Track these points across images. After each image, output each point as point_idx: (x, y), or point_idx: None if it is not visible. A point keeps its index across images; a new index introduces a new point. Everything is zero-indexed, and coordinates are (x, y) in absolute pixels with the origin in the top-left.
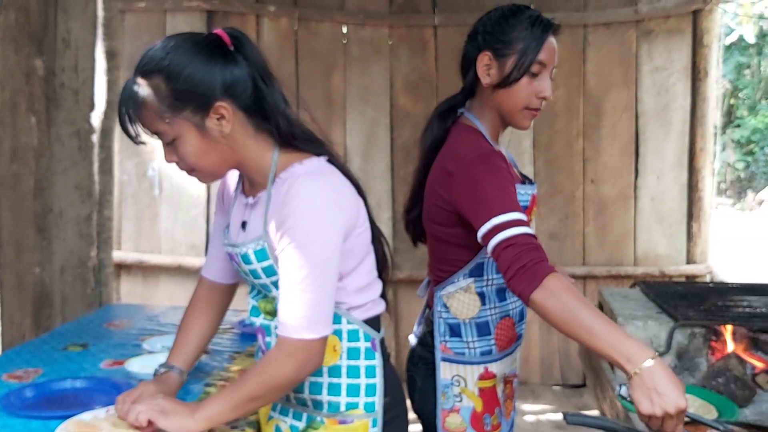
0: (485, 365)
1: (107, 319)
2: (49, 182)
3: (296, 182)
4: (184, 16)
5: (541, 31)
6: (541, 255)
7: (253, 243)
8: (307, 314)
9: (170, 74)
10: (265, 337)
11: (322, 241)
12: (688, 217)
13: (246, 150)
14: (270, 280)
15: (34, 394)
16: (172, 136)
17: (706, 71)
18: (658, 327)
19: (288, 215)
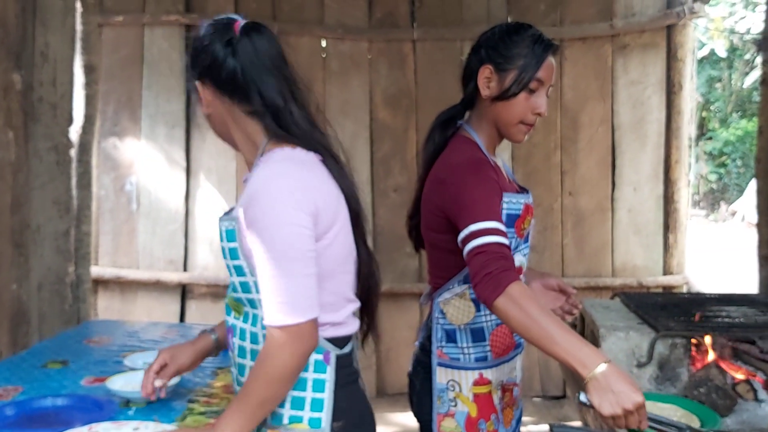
0: (480, 371)
1: (86, 335)
2: (27, 198)
3: (267, 166)
4: (162, 30)
5: (542, 50)
6: (509, 264)
7: (227, 222)
8: (284, 299)
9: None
10: (233, 337)
11: (285, 221)
12: (664, 228)
13: (236, 128)
14: (233, 263)
15: (15, 412)
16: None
17: (681, 84)
18: (640, 338)
19: (252, 196)
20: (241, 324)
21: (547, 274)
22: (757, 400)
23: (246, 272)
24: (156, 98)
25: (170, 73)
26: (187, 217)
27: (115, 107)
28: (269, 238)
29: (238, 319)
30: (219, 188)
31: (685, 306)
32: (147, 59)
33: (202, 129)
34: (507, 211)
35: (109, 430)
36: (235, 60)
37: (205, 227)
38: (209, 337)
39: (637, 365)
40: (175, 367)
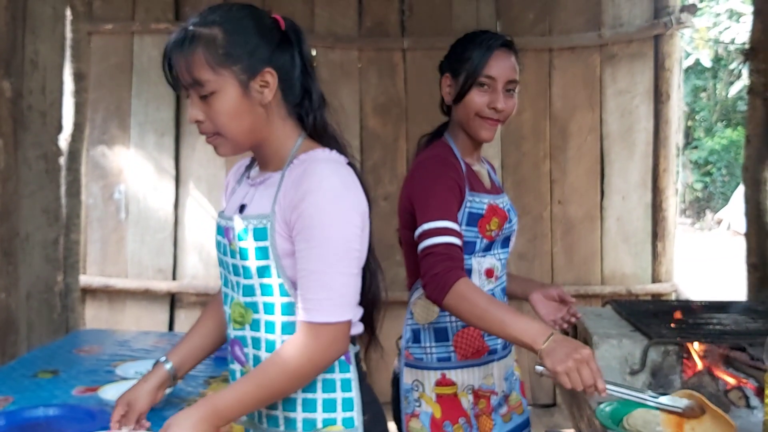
0: (443, 371)
1: (76, 344)
2: (16, 206)
3: (316, 164)
4: (151, 38)
5: (488, 48)
6: (454, 263)
7: (255, 220)
8: (330, 296)
9: (230, 29)
10: (242, 348)
11: (343, 219)
12: (653, 236)
13: (274, 127)
14: (257, 263)
15: (6, 422)
16: (212, 89)
17: (668, 94)
18: (633, 345)
19: (306, 192)
20: (251, 333)
21: (548, 285)
22: (749, 407)
23: (272, 273)
24: (145, 106)
25: (160, 81)
26: (177, 226)
27: (104, 115)
28: (324, 235)
29: (244, 329)
30: (208, 196)
31: (676, 313)
32: (136, 67)
33: (191, 137)
34: (469, 209)
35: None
36: (299, 56)
37: (195, 236)
38: (163, 368)
39: (630, 372)
40: (135, 414)
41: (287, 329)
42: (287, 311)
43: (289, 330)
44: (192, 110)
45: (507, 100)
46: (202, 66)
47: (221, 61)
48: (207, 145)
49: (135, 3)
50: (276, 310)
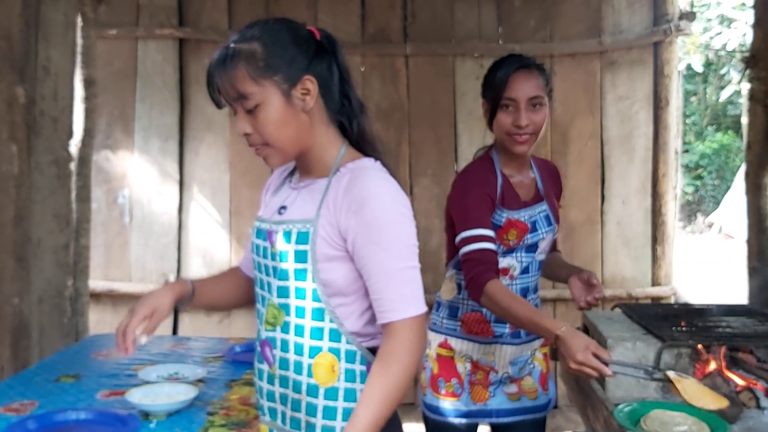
0: (446, 337)
1: (94, 349)
2: (29, 211)
3: (367, 171)
4: (156, 43)
5: (504, 73)
6: (487, 267)
7: (299, 224)
8: (413, 291)
9: (268, 42)
10: (271, 350)
11: (404, 219)
12: (652, 240)
13: (317, 134)
14: (296, 266)
15: (37, 426)
16: (257, 101)
17: (667, 100)
18: (647, 348)
19: (367, 197)
20: (281, 335)
21: (583, 270)
22: (760, 408)
23: (307, 277)
24: (149, 111)
25: (164, 86)
26: (180, 230)
27: (108, 120)
28: (391, 235)
29: (275, 330)
30: (212, 201)
31: (686, 316)
32: (140, 72)
33: (195, 142)
34: (494, 221)
35: None
36: (335, 66)
37: (199, 240)
38: (186, 284)
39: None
40: (159, 320)
41: (315, 334)
42: (317, 317)
43: (317, 335)
44: (239, 124)
45: (532, 115)
46: (245, 79)
47: (262, 72)
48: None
49: (139, 8)
50: (306, 314)
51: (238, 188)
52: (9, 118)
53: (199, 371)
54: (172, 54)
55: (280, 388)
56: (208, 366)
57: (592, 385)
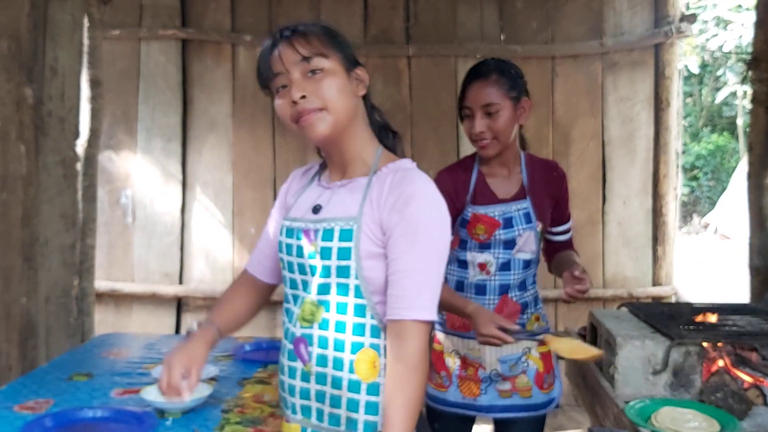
0: (435, 332)
1: (104, 348)
2: (36, 211)
3: (412, 173)
4: (159, 44)
5: (464, 82)
6: None
7: (342, 221)
8: (431, 295)
9: (325, 28)
10: (307, 347)
11: (442, 224)
12: (653, 240)
13: (359, 128)
14: (338, 263)
15: (54, 423)
16: (324, 65)
17: (668, 101)
18: (655, 346)
19: (411, 197)
20: (318, 332)
21: (575, 264)
22: (767, 405)
23: (351, 274)
24: (152, 112)
25: (166, 86)
26: (183, 230)
27: (111, 120)
28: (427, 237)
29: (311, 327)
30: (215, 201)
31: (691, 316)
32: (143, 73)
33: (198, 142)
34: (462, 215)
35: None
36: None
37: (202, 240)
38: (211, 330)
39: (653, 372)
40: (198, 373)
41: (357, 330)
42: (359, 313)
43: (359, 331)
44: (295, 88)
45: (489, 122)
46: (318, 43)
47: (332, 45)
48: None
49: (142, 9)
50: (348, 311)
51: (241, 189)
52: (17, 118)
53: (211, 370)
54: (174, 55)
55: (316, 385)
56: (219, 364)
57: (600, 383)
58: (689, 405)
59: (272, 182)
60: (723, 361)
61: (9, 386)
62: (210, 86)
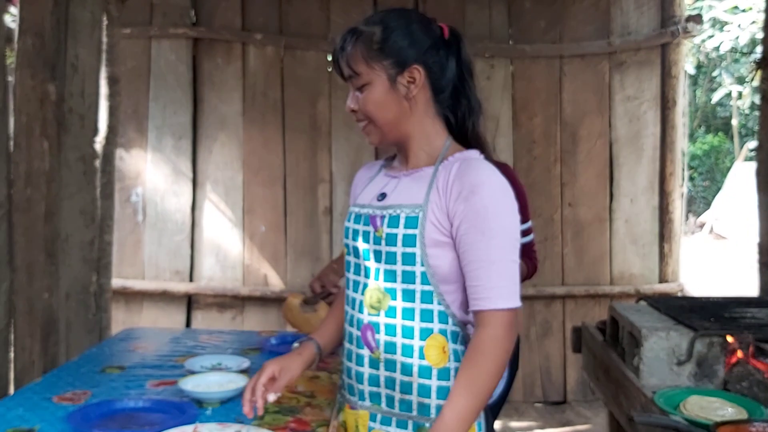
0: None
1: (132, 341)
2: (58, 207)
3: (477, 162)
4: (169, 42)
5: None
6: None
7: (408, 208)
8: (509, 283)
9: (386, 28)
10: (374, 334)
11: (512, 213)
12: (659, 238)
13: (420, 124)
14: (404, 249)
15: (97, 413)
16: (365, 81)
17: (675, 100)
18: (679, 337)
19: (476, 186)
20: (385, 319)
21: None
22: None
23: (417, 261)
24: (163, 110)
25: (177, 85)
26: (194, 228)
27: (121, 119)
28: (498, 225)
29: (378, 315)
30: (225, 199)
31: (710, 308)
32: (154, 71)
33: (208, 141)
34: None
35: (214, 431)
36: (455, 62)
37: (212, 238)
38: (312, 347)
39: (677, 363)
40: (286, 380)
41: (425, 316)
42: (426, 299)
43: (428, 317)
44: (348, 100)
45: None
46: (358, 60)
47: (375, 55)
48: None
49: (153, 8)
50: (416, 298)
51: (251, 186)
52: (41, 114)
53: (242, 361)
54: (185, 53)
55: (386, 372)
56: (248, 357)
57: (626, 374)
58: (715, 394)
59: (282, 180)
60: (744, 352)
61: (44, 378)
62: (220, 85)
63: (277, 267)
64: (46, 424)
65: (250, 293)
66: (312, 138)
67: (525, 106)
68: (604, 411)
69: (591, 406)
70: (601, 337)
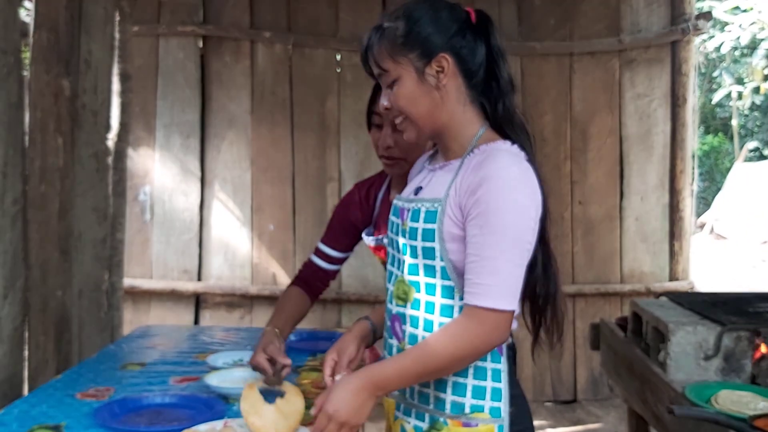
0: None
1: (148, 339)
2: (72, 204)
3: (496, 153)
4: (177, 40)
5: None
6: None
7: (428, 203)
8: (496, 282)
9: (410, 19)
10: (401, 325)
11: (519, 209)
12: (670, 236)
13: (453, 113)
14: (423, 244)
15: (123, 409)
16: (394, 77)
17: (685, 98)
18: (707, 332)
19: (485, 178)
20: (410, 311)
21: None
22: None
23: (436, 255)
24: (171, 108)
25: (185, 83)
26: (202, 227)
27: None
28: (499, 221)
29: (405, 306)
30: (234, 198)
31: (733, 303)
32: (162, 69)
33: (216, 139)
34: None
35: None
36: (484, 46)
37: (220, 237)
38: (365, 323)
39: (704, 357)
40: (346, 360)
41: (445, 311)
42: (447, 294)
43: (448, 313)
44: (382, 98)
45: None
46: (385, 57)
47: (400, 50)
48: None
49: (161, 5)
50: (437, 292)
51: (260, 185)
52: (55, 110)
53: None
54: (193, 51)
55: None
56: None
57: (653, 369)
58: (745, 388)
59: (291, 179)
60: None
61: (64, 375)
62: (229, 83)
63: (286, 266)
64: (73, 421)
65: (259, 292)
66: (321, 136)
67: (535, 104)
68: (615, 409)
69: (601, 404)
70: (622, 334)
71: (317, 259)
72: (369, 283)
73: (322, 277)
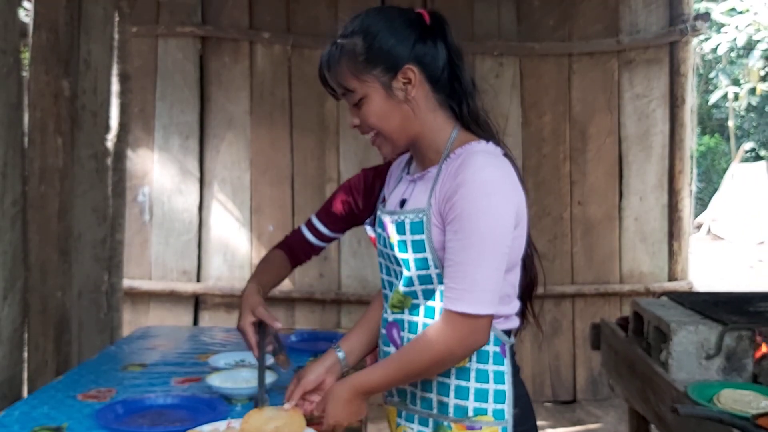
0: None
1: (148, 340)
2: (71, 205)
3: (472, 156)
4: (176, 41)
5: None
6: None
7: (412, 214)
8: (471, 288)
9: (367, 35)
10: (399, 331)
11: (494, 213)
12: (669, 236)
13: (424, 122)
14: (415, 255)
15: (125, 410)
16: (360, 95)
17: (683, 98)
18: (708, 331)
19: (460, 184)
20: (409, 317)
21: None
22: None
23: (429, 264)
24: (170, 109)
25: (184, 84)
26: (201, 228)
27: None
28: (474, 226)
29: (403, 313)
30: (233, 199)
31: (734, 302)
32: (161, 70)
33: (216, 140)
34: None
35: None
36: (443, 47)
37: (219, 238)
38: (334, 354)
39: (706, 357)
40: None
41: None
42: None
43: None
44: (350, 117)
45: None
46: (347, 76)
47: (363, 67)
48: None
49: (159, 6)
50: (436, 297)
51: (259, 186)
52: (55, 110)
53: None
54: (192, 52)
55: None
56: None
57: (655, 369)
58: (747, 387)
59: (290, 179)
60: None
61: (65, 377)
62: (228, 84)
63: None
64: (75, 422)
65: None
66: (320, 137)
67: (534, 105)
68: (615, 409)
69: (601, 404)
70: (623, 334)
71: (307, 231)
72: (368, 284)
73: (306, 250)
